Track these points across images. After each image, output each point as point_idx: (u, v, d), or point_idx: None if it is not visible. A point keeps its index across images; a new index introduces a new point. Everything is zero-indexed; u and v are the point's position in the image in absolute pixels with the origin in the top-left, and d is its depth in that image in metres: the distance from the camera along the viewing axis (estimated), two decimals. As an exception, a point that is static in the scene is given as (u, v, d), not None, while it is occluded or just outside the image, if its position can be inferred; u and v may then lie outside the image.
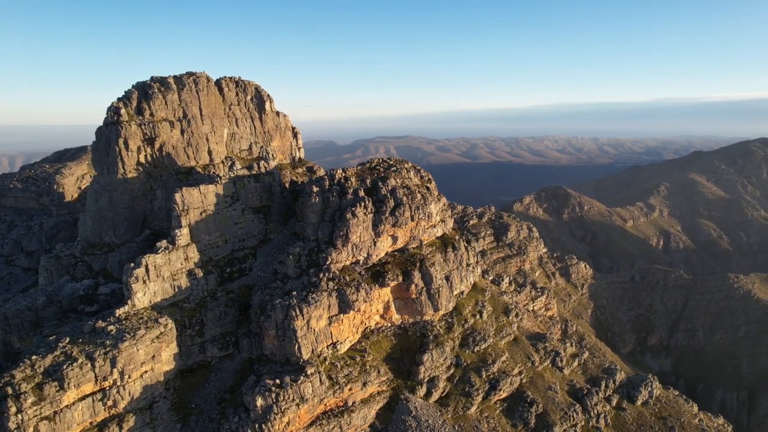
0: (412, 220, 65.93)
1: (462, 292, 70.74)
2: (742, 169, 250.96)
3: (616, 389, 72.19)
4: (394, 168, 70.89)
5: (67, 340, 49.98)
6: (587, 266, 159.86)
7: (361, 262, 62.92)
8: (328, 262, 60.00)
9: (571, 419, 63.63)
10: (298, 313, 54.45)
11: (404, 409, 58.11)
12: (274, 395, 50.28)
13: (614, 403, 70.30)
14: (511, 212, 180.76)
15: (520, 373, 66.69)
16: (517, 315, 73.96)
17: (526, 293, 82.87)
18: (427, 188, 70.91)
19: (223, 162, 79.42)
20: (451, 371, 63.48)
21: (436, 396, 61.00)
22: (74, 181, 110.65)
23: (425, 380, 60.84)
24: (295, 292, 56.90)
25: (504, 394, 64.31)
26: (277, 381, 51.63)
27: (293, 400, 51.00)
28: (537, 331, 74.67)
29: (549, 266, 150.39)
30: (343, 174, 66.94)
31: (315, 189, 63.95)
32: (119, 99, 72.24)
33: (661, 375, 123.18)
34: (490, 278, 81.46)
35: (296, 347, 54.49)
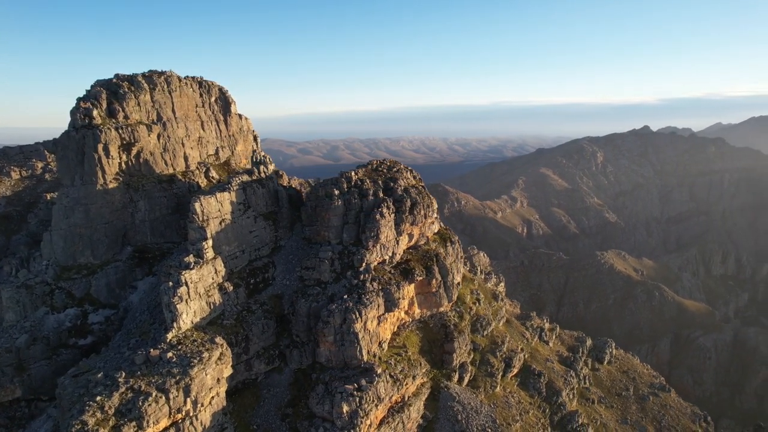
0: (425, 217, 69.00)
1: (458, 283, 75.58)
2: (577, 163, 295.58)
3: (588, 353, 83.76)
4: (395, 169, 73.01)
5: (123, 374, 43.61)
6: (485, 255, 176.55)
7: (387, 261, 64.10)
8: (365, 264, 60.27)
9: (570, 384, 72.75)
10: (357, 315, 54.26)
11: (447, 396, 61.15)
12: (357, 399, 49.82)
13: (590, 365, 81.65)
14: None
15: (522, 350, 73.86)
16: (501, 300, 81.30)
17: (494, 281, 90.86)
18: (423, 187, 74.43)
19: (197, 168, 73.48)
20: (472, 356, 68.02)
21: (466, 380, 65.07)
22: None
23: (457, 367, 64.54)
24: (346, 296, 56.41)
25: (515, 371, 70.90)
26: (355, 385, 51.18)
27: (373, 401, 51.05)
28: (518, 312, 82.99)
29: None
30: (356, 176, 67.27)
31: (336, 192, 63.38)
32: (84, 99, 62.75)
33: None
34: (467, 269, 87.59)
35: (357, 350, 54.25)
